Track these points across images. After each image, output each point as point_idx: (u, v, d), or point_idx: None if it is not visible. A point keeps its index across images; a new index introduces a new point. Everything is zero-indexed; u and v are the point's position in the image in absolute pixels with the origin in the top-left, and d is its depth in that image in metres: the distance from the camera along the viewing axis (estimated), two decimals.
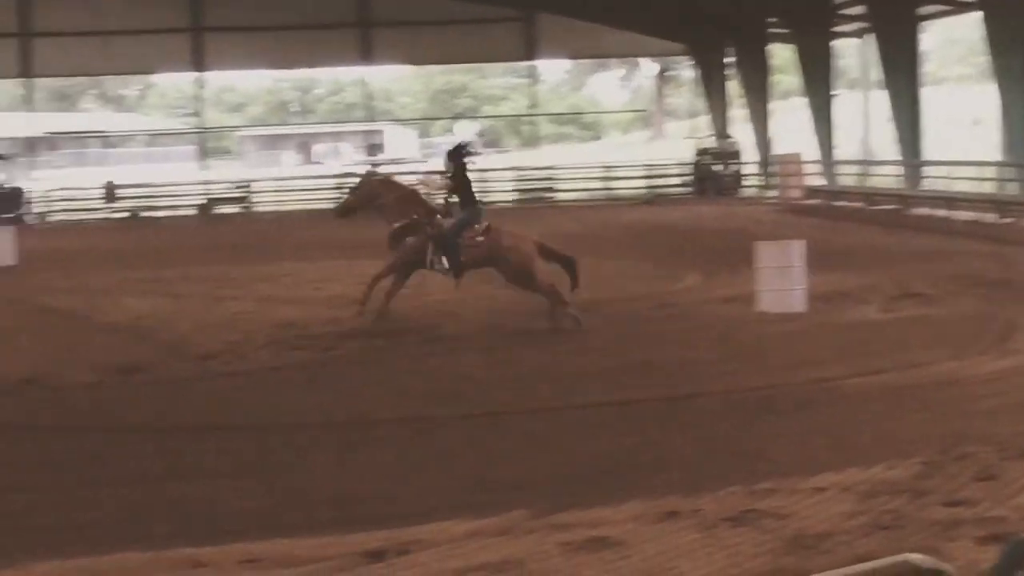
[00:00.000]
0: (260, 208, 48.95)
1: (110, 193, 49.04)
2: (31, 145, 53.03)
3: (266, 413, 12.25)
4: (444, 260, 17.17)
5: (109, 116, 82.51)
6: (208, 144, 60.28)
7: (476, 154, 18.14)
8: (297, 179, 54.95)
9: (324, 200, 46.92)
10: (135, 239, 37.46)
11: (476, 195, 17.82)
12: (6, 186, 46.96)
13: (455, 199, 17.43)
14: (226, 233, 37.99)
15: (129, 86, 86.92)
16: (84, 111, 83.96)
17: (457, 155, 17.52)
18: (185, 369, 14.91)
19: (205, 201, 49.26)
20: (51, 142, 57.65)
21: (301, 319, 18.17)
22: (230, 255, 29.15)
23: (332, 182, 49.45)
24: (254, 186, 51.61)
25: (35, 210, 47.67)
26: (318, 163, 74.26)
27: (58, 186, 50.42)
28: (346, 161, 65.70)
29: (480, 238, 17.20)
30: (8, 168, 48.52)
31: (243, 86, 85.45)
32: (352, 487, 9.47)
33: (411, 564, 7.44)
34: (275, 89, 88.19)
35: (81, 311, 20.28)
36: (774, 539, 7.67)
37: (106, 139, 74.63)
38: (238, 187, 51.53)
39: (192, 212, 47.91)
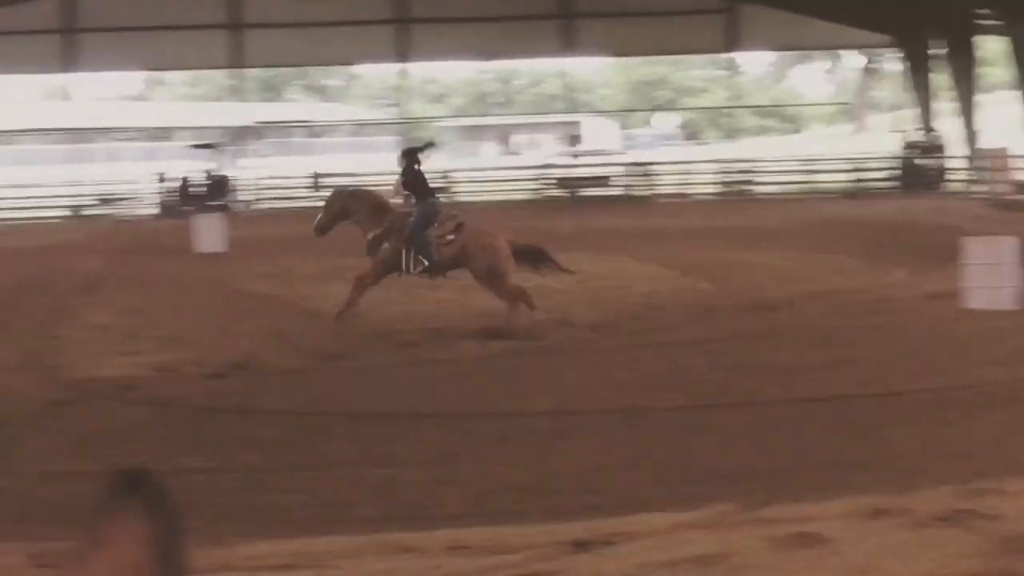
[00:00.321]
0: (461, 198, 49.34)
1: (316, 182, 49.93)
2: (239, 134, 54.25)
3: (470, 401, 12.34)
4: (422, 260, 17.27)
5: (314, 106, 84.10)
6: (410, 134, 61.00)
7: (427, 154, 18.24)
8: (496, 170, 55.28)
9: (523, 191, 47.21)
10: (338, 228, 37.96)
11: (431, 190, 18.19)
12: (214, 174, 48.11)
13: (411, 197, 17.74)
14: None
15: (334, 77, 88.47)
16: (290, 101, 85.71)
17: (409, 154, 17.93)
18: (389, 356, 15.11)
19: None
20: (258, 131, 58.88)
21: (493, 307, 18.26)
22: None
23: (531, 173, 49.65)
24: (454, 176, 52.06)
25: (242, 198, 48.76)
26: (517, 154, 74.65)
27: (264, 175, 51.50)
28: (545, 152, 65.90)
29: (451, 236, 17.28)
30: (217, 157, 49.66)
31: (445, 77, 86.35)
32: (557, 476, 9.49)
33: (617, 555, 7.41)
34: (476, 80, 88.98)
35: (287, 298, 20.71)
36: (986, 540, 7.47)
37: (311, 129, 76.03)
38: (439, 177, 52.00)
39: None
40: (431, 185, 18.38)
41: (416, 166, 17.81)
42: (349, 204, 18.14)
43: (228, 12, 51.59)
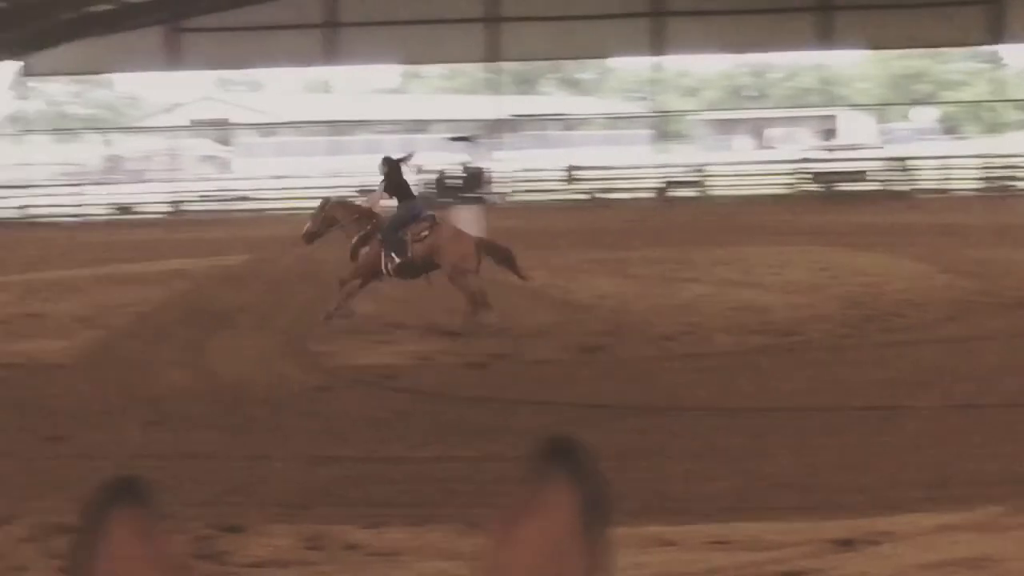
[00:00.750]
0: (714, 192, 49.06)
1: (570, 174, 50.26)
2: (494, 127, 54.82)
3: (727, 396, 12.29)
4: (394, 257, 17.46)
5: (568, 99, 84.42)
6: (664, 128, 60.85)
7: (409, 160, 18.99)
8: (751, 164, 54.76)
9: (778, 186, 46.65)
10: (593, 220, 38.27)
11: (412, 193, 18.56)
12: (470, 167, 48.75)
13: (394, 200, 18.13)
14: (682, 216, 38.29)
15: (588, 70, 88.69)
16: (544, 94, 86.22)
17: (390, 162, 18.35)
18: (646, 349, 15.14)
19: (661, 184, 49.77)
20: (513, 124, 59.40)
21: (759, 303, 18.16)
22: (686, 238, 29.38)
23: (786, 167, 49.07)
24: (708, 170, 51.78)
25: (497, 190, 49.30)
26: (771, 148, 73.79)
27: (519, 167, 51.97)
28: (800, 146, 65.01)
29: (425, 232, 17.57)
30: (472, 149, 50.31)
31: (698, 70, 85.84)
32: (815, 474, 9.39)
33: (882, 555, 7.32)
34: (730, 73, 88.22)
35: (544, 288, 20.86)
36: None
37: (565, 122, 76.37)
38: (693, 171, 51.82)
39: (648, 195, 48.48)
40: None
41: (397, 170, 18.35)
42: (335, 212, 18.67)
43: (485, 6, 52.26)
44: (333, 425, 11.41)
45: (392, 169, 18.44)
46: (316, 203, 19.88)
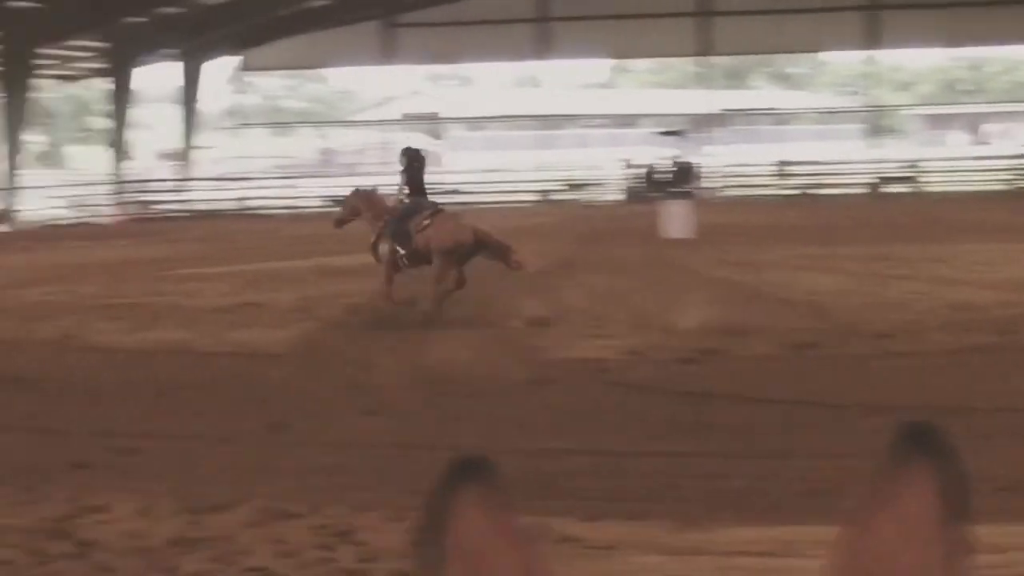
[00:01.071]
0: (928, 188, 48.11)
1: (781, 170, 49.77)
2: (704, 121, 54.53)
3: (947, 395, 12.00)
4: (398, 248, 17.96)
5: (779, 94, 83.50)
6: (876, 123, 59.81)
7: (424, 157, 19.44)
8: (966, 159, 53.56)
9: (994, 182, 45.56)
10: (804, 216, 37.86)
11: (425, 189, 18.96)
12: (680, 161, 48.60)
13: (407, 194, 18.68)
14: (895, 212, 37.64)
15: (799, 64, 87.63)
16: (754, 89, 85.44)
17: (410, 150, 19.27)
18: (860, 347, 14.88)
19: (874, 180, 48.99)
20: (723, 119, 59.02)
21: (975, 301, 17.74)
22: (900, 234, 28.90)
23: (1003, 163, 47.87)
24: (922, 166, 50.79)
25: (707, 185, 49.06)
26: (987, 143, 72.00)
27: (729, 162, 51.63)
28: (1018, 142, 63.34)
29: (426, 222, 18.05)
30: (682, 144, 50.14)
31: (912, 64, 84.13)
32: None
33: None
34: (945, 67, 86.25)
35: (755, 285, 20.72)
36: None
37: (776, 116, 75.55)
38: (906, 166, 50.89)
39: (860, 191, 47.77)
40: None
41: (413, 165, 18.81)
42: (358, 203, 19.08)
43: (696, 1, 52.00)
44: (549, 418, 11.45)
45: (411, 161, 18.97)
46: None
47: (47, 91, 58.84)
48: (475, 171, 52.69)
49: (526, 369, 13.89)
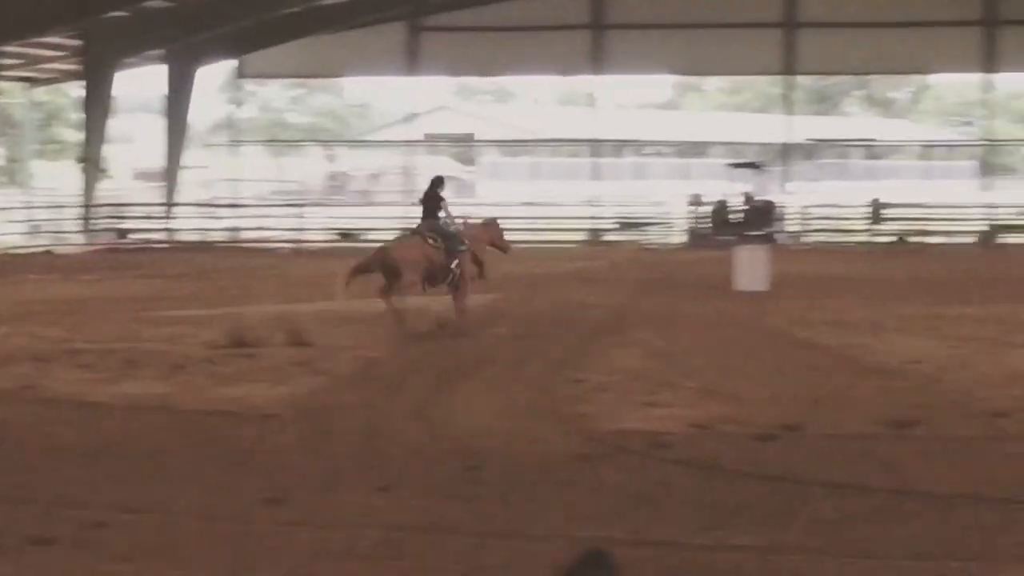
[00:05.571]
0: None
1: (876, 212, 49.69)
2: (786, 152, 54.50)
3: None
4: None
5: (876, 122, 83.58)
6: (993, 159, 59.66)
7: (441, 185, 23.93)
8: None
9: None
10: (904, 267, 37.83)
11: (434, 214, 23.49)
12: (757, 198, 48.57)
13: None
14: (1013, 266, 37.53)
15: (901, 88, 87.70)
16: (847, 115, 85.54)
17: (433, 182, 24.03)
18: (971, 427, 14.83)
19: (988, 227, 48.88)
20: (809, 150, 59.02)
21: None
22: (1018, 293, 28.81)
23: None
24: None
25: (787, 227, 49.02)
26: None
27: (816, 201, 51.59)
28: None
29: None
30: (760, 178, 50.15)
31: None
32: None
33: None
34: None
35: (843, 348, 20.70)
36: None
37: (872, 149, 75.61)
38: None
39: (971, 240, 47.67)
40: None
41: (432, 192, 23.62)
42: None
43: (780, 9, 52.05)
44: (594, 500, 11.43)
45: (433, 190, 23.70)
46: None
47: (9, 96, 59.32)
48: (513, 204, 52.76)
49: (572, 442, 13.88)
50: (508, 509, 11.08)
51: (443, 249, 22.86)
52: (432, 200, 23.43)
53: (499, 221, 24.92)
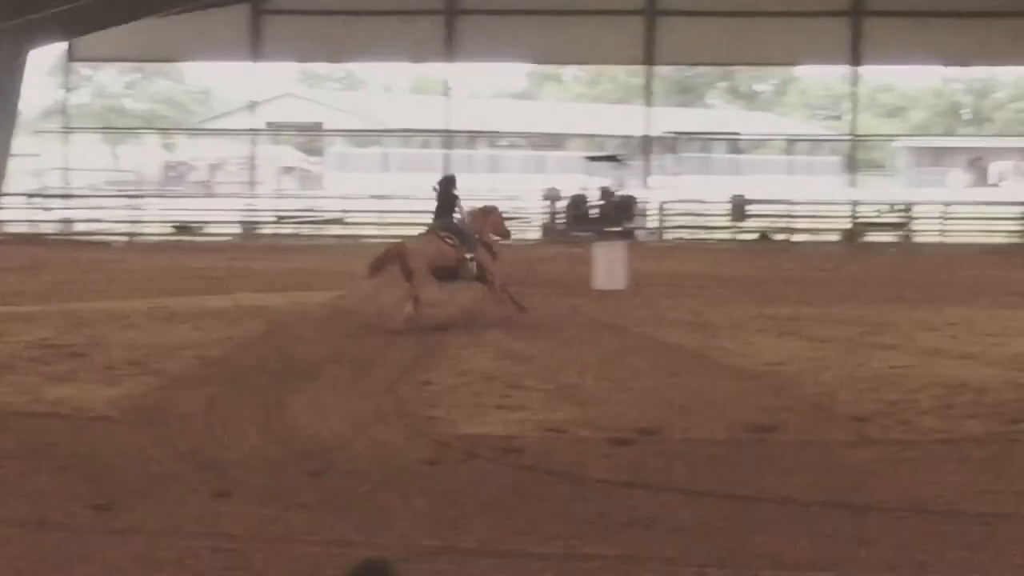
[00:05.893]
0: (920, 238, 48.71)
1: (737, 209, 50.13)
2: (646, 145, 54.80)
3: (937, 494, 12.14)
4: None
5: (739, 115, 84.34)
6: (859, 155, 60.43)
7: (454, 185, 24.99)
8: (968, 204, 54.30)
9: (1002, 233, 46.20)
10: (765, 266, 38.17)
11: (448, 213, 24.64)
12: (616, 193, 48.81)
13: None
14: (878, 266, 38.06)
15: (765, 80, 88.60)
16: (710, 108, 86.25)
17: (443, 182, 25.26)
18: (832, 431, 15.01)
19: (851, 225, 49.49)
20: (670, 143, 59.35)
21: (977, 380, 17.94)
22: (883, 294, 29.24)
23: (1014, 211, 48.57)
24: (913, 210, 51.40)
25: (648, 224, 49.32)
26: (995, 186, 73.10)
27: (676, 197, 51.95)
28: None
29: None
30: (619, 172, 50.41)
31: (904, 86, 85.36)
32: None
33: None
34: (943, 91, 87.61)
35: (704, 350, 20.86)
36: None
37: (735, 143, 76.28)
38: (893, 210, 51.46)
39: (835, 237, 48.24)
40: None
41: (444, 191, 24.78)
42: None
43: None
44: (443, 508, 11.44)
45: (445, 188, 24.85)
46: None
47: None
48: (362, 196, 52.68)
49: (420, 447, 13.88)
50: (353, 517, 11.08)
51: (458, 246, 23.87)
52: (447, 199, 24.58)
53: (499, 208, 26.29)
